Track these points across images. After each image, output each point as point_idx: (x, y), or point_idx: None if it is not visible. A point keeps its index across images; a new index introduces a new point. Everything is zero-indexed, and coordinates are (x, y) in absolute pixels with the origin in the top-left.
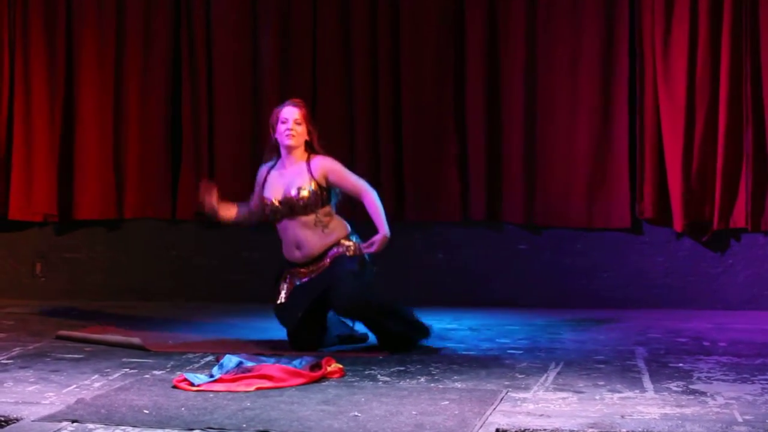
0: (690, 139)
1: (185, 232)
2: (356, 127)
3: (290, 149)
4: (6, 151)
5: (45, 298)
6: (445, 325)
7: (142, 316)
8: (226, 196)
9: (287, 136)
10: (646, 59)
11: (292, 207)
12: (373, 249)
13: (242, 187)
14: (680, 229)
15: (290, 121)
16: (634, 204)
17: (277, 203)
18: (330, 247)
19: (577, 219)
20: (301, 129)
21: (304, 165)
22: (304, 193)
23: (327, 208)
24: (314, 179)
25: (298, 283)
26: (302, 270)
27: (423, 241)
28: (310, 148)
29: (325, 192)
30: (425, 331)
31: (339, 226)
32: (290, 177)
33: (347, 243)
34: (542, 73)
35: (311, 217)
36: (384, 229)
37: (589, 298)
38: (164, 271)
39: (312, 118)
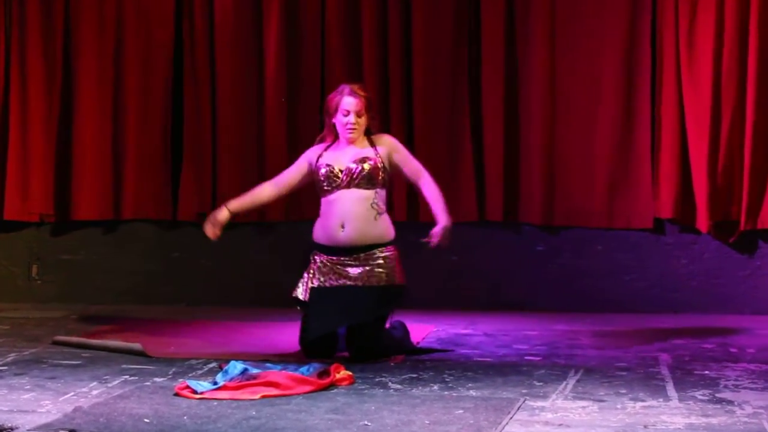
0: (716, 134)
1: (187, 233)
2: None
3: (351, 141)
4: (1, 149)
5: (41, 302)
6: (460, 330)
7: (142, 321)
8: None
9: (349, 130)
10: (669, 50)
11: (352, 175)
12: (435, 241)
13: (247, 187)
14: (705, 229)
15: (352, 114)
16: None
17: (337, 170)
18: (375, 246)
19: (598, 219)
20: (363, 120)
21: (369, 148)
22: (369, 164)
23: (384, 192)
24: (380, 156)
25: (326, 283)
26: (336, 261)
27: None
28: (368, 132)
29: (387, 173)
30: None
31: (389, 225)
32: (355, 151)
33: (389, 253)
34: (561, 68)
35: (369, 193)
36: (444, 218)
37: (610, 302)
38: (165, 274)
39: (372, 106)
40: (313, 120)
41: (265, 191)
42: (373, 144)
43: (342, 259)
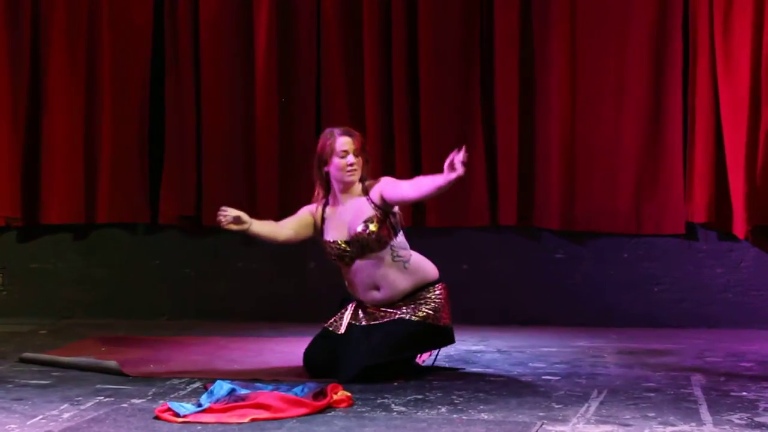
0: (755, 129)
1: (168, 239)
2: (367, 123)
3: (350, 185)
4: None
5: (7, 315)
6: (470, 347)
7: (118, 336)
8: (216, 199)
9: (350, 172)
10: (704, 39)
11: (363, 245)
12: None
13: (235, 187)
14: (743, 235)
15: (350, 154)
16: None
17: (344, 245)
18: (419, 289)
19: (623, 224)
20: (360, 160)
21: (363, 198)
22: (373, 226)
23: (401, 238)
24: (378, 208)
25: (370, 321)
26: (374, 311)
27: (445, 249)
28: (364, 179)
29: (392, 218)
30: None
31: (425, 265)
32: (353, 213)
33: (436, 293)
34: (583, 59)
35: (386, 251)
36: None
37: (636, 316)
38: (144, 284)
39: (365, 144)
40: (307, 116)
41: (284, 232)
42: (366, 192)
43: (383, 309)
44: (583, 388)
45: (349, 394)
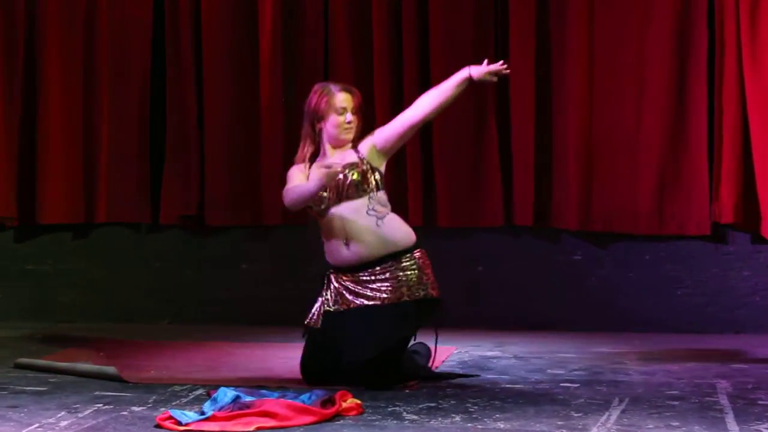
0: None
1: (170, 239)
2: (377, 118)
3: (344, 143)
4: None
5: (1, 319)
6: (486, 353)
7: (118, 341)
8: (219, 198)
9: (347, 130)
10: (730, 34)
11: (339, 190)
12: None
13: (238, 185)
14: None
15: (349, 112)
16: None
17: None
18: (391, 256)
19: (645, 224)
20: (356, 120)
21: (350, 151)
22: (353, 174)
23: (381, 194)
24: (364, 158)
25: (342, 305)
26: (350, 279)
27: (458, 251)
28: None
29: (378, 173)
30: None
31: (400, 227)
32: (338, 159)
33: (410, 262)
34: (602, 51)
35: (362, 201)
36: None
37: (659, 321)
38: (145, 287)
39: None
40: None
41: None
42: (356, 148)
43: (357, 275)
44: (604, 396)
45: (358, 401)
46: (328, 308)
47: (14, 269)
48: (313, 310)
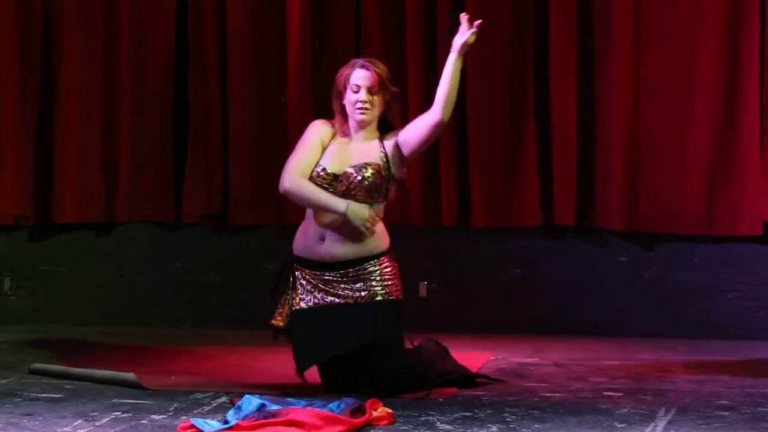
0: None
1: (192, 238)
2: (410, 107)
3: (362, 125)
4: None
5: (16, 322)
6: (524, 359)
7: (137, 346)
8: (244, 196)
9: (359, 110)
10: None
11: (350, 185)
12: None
13: (263, 182)
14: None
15: (363, 90)
16: None
17: (332, 174)
18: (365, 259)
19: (693, 224)
20: (377, 99)
21: (376, 142)
22: (370, 172)
23: (382, 207)
24: (386, 158)
25: (311, 302)
26: (319, 277)
27: (494, 252)
28: (385, 124)
29: (392, 181)
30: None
31: (382, 234)
32: (358, 150)
33: (384, 266)
34: (648, 41)
35: (363, 207)
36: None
37: (708, 326)
38: (166, 288)
39: (390, 82)
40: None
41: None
42: (382, 140)
43: (327, 275)
44: (649, 405)
45: (389, 410)
46: (295, 307)
47: (29, 270)
48: (278, 309)
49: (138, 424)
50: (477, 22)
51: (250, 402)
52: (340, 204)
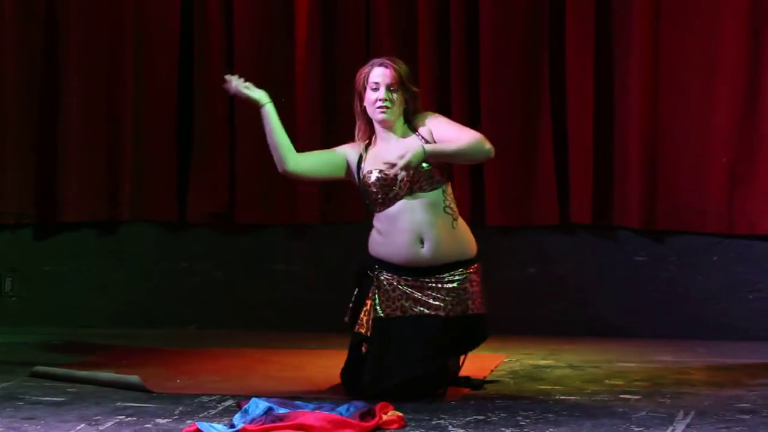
0: None
1: (198, 238)
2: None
3: (384, 124)
4: None
5: (17, 323)
6: (538, 361)
7: (142, 348)
8: (251, 194)
9: (380, 110)
10: None
11: (413, 178)
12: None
13: (270, 179)
14: None
15: (382, 88)
16: None
17: (392, 175)
18: (460, 263)
19: (713, 222)
20: (397, 97)
21: (412, 136)
22: (425, 162)
23: (450, 189)
24: (427, 142)
25: (397, 311)
26: (411, 283)
27: (509, 251)
28: (411, 117)
29: (443, 164)
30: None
31: (469, 234)
32: (401, 145)
33: (474, 273)
34: (668, 33)
35: (437, 194)
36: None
37: (729, 327)
38: (171, 289)
39: (410, 79)
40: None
41: (297, 160)
42: (415, 129)
43: (421, 281)
44: (668, 408)
45: (400, 414)
46: (378, 314)
47: (30, 270)
48: (360, 314)
49: (142, 428)
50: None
51: (257, 405)
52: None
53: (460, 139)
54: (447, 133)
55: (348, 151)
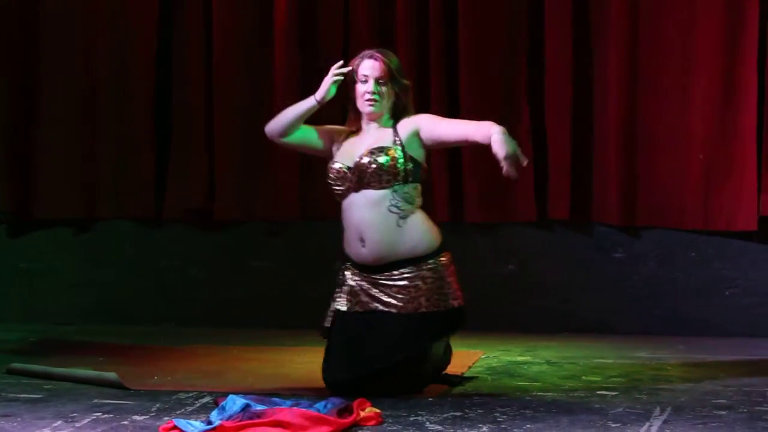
0: None
1: (175, 235)
2: None
3: (371, 117)
4: None
5: None
6: (516, 357)
7: (119, 345)
8: (230, 190)
9: (368, 102)
10: None
11: (362, 174)
12: (505, 167)
13: (251, 175)
14: None
15: (371, 81)
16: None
17: (346, 169)
18: (410, 261)
19: (691, 218)
20: (387, 90)
21: (389, 128)
22: (381, 158)
23: (411, 188)
24: (401, 142)
25: (356, 306)
26: (365, 278)
27: (488, 248)
28: (400, 111)
29: (413, 163)
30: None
31: (424, 228)
32: (372, 138)
33: (432, 267)
34: (646, 30)
35: (382, 194)
36: (490, 127)
37: (706, 323)
38: (149, 286)
39: (400, 73)
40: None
41: (299, 131)
42: (395, 126)
43: (373, 276)
44: (644, 405)
45: (377, 410)
46: (340, 307)
47: (8, 268)
48: (329, 310)
49: (119, 425)
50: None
51: (235, 402)
52: (309, 99)
53: (473, 124)
54: (446, 127)
55: (337, 134)
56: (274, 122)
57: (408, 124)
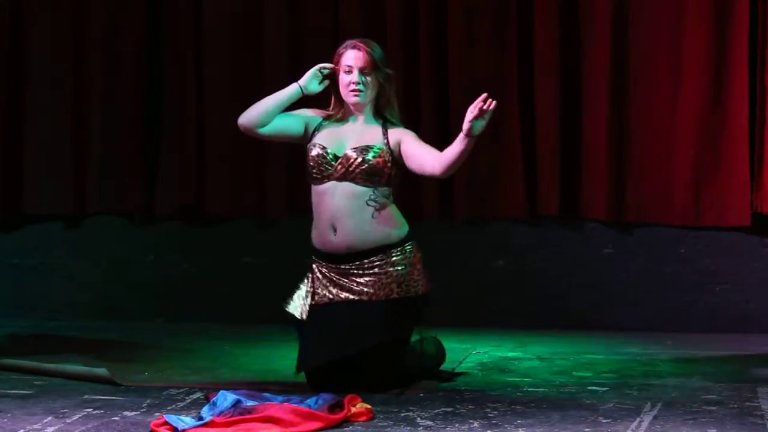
0: None
1: (165, 231)
2: None
3: (357, 107)
4: None
5: None
6: (507, 353)
7: (109, 341)
8: (220, 185)
9: (353, 93)
10: None
11: (349, 167)
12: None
13: (240, 170)
14: None
15: (355, 71)
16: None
17: (332, 155)
18: (382, 248)
19: (680, 214)
20: (371, 80)
21: (379, 127)
22: (372, 155)
23: (387, 190)
24: (389, 146)
25: (325, 298)
26: (335, 269)
27: (477, 244)
28: (385, 101)
29: (395, 168)
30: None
31: (395, 219)
32: (360, 132)
33: (401, 256)
34: (637, 26)
35: (365, 191)
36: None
37: (696, 318)
38: (139, 282)
39: (384, 62)
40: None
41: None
42: (386, 128)
43: (342, 267)
44: (635, 400)
45: (368, 406)
46: (311, 302)
47: None
48: (294, 298)
49: (110, 420)
50: (491, 104)
51: (226, 398)
52: (292, 86)
53: (433, 153)
54: (421, 149)
55: (311, 119)
56: (250, 112)
57: (398, 133)
